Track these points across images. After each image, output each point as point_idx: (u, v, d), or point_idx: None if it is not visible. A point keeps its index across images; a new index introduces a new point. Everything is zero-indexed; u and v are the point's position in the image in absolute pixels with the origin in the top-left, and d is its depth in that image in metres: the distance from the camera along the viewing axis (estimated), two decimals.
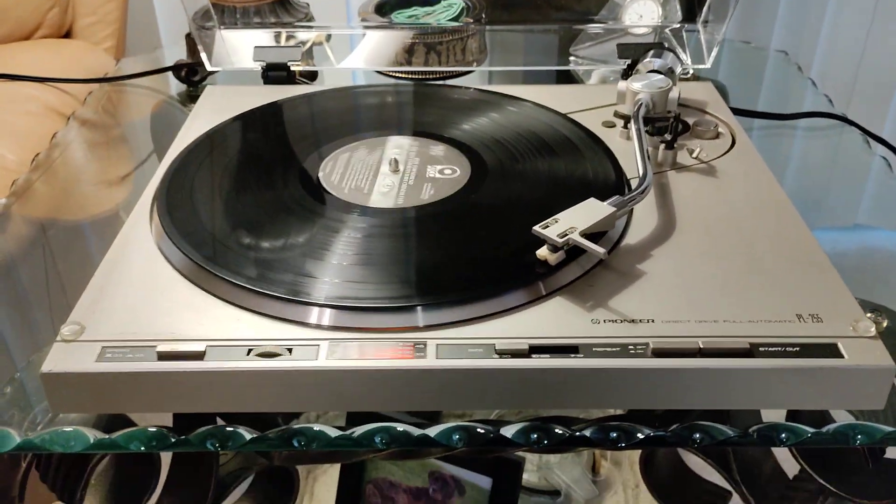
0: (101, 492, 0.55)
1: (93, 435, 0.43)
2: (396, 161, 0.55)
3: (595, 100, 0.66)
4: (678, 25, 0.83)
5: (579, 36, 0.87)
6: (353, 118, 0.64)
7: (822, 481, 0.57)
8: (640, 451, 0.76)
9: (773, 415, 0.45)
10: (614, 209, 0.47)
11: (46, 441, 0.42)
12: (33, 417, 0.45)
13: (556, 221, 0.45)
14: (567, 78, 0.84)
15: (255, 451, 0.60)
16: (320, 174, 0.55)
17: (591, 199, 0.48)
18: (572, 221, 0.45)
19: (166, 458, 0.61)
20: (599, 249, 0.43)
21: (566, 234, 0.44)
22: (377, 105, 0.66)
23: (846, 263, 0.50)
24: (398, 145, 0.58)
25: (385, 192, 0.52)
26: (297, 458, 0.66)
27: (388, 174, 0.54)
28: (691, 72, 0.75)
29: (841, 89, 1.30)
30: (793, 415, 0.45)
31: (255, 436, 0.42)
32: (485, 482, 0.81)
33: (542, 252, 0.45)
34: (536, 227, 0.45)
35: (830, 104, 0.77)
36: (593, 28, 0.85)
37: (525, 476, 0.90)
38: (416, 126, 0.62)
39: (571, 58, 0.84)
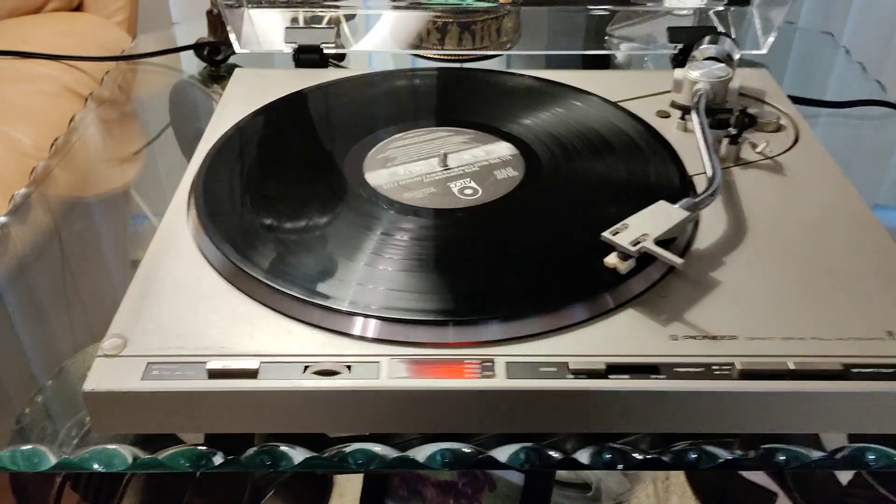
0: (137, 499, 0.52)
1: (134, 454, 0.40)
2: (446, 156, 0.52)
3: (640, 87, 0.62)
4: (723, 7, 0.79)
5: (615, 17, 0.83)
6: (397, 106, 0.61)
7: (883, 490, 0.55)
8: None
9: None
10: (687, 213, 0.44)
11: (86, 460, 0.40)
12: (67, 431, 0.43)
13: (626, 227, 0.43)
14: (595, 62, 0.80)
15: None
16: (369, 172, 0.51)
17: (662, 202, 0.45)
18: (643, 227, 0.42)
19: None
20: (677, 260, 0.40)
21: (638, 242, 0.41)
22: (420, 91, 0.63)
23: None
24: (447, 138, 0.55)
25: (438, 191, 0.49)
26: None
27: (438, 170, 0.51)
28: (738, 57, 0.71)
29: (872, 66, 1.27)
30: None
31: (309, 456, 0.40)
32: (516, 476, 0.79)
33: (611, 260, 0.42)
34: (605, 234, 0.42)
35: (883, 90, 0.73)
36: (632, 9, 0.81)
37: None
38: (464, 115, 0.58)
39: (614, 40, 0.80)
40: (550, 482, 0.79)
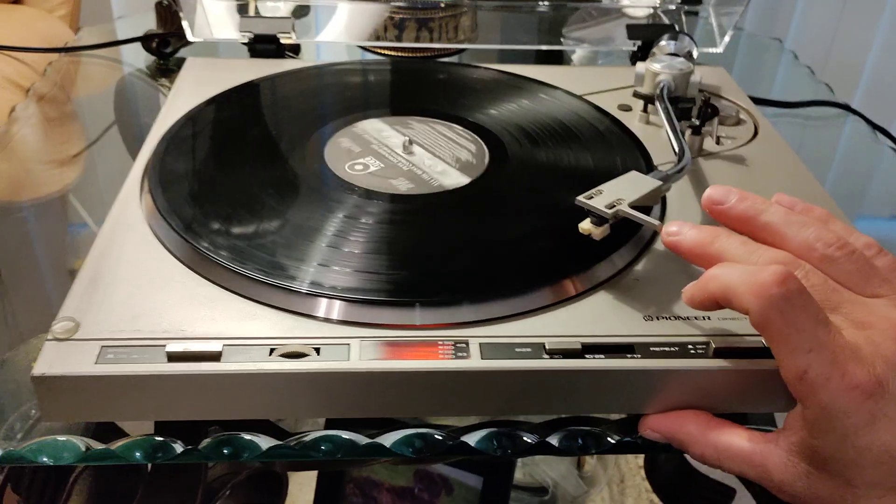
0: (83, 502, 0.49)
1: (85, 444, 0.38)
2: (411, 142, 0.51)
3: (599, 82, 0.63)
4: (675, 7, 0.80)
5: (570, 17, 0.84)
6: (358, 96, 0.59)
7: None
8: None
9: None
10: (660, 182, 0.43)
11: (34, 451, 0.37)
12: (10, 425, 0.40)
13: (601, 192, 0.42)
14: (548, 62, 0.80)
15: None
16: (331, 155, 0.50)
17: (633, 172, 0.44)
18: (618, 193, 0.42)
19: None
20: (655, 222, 0.39)
21: (614, 206, 0.41)
22: (382, 82, 0.62)
23: None
24: (410, 126, 0.54)
25: (405, 176, 0.48)
26: (291, 465, 0.62)
27: (403, 156, 0.50)
28: (697, 54, 0.72)
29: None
30: None
31: (273, 444, 0.38)
32: (474, 480, 0.78)
33: (586, 226, 0.41)
34: (580, 198, 0.41)
35: (831, 92, 0.75)
36: (587, 5, 0.82)
37: None
38: (426, 105, 0.57)
39: (569, 42, 0.81)
40: (508, 486, 0.78)
